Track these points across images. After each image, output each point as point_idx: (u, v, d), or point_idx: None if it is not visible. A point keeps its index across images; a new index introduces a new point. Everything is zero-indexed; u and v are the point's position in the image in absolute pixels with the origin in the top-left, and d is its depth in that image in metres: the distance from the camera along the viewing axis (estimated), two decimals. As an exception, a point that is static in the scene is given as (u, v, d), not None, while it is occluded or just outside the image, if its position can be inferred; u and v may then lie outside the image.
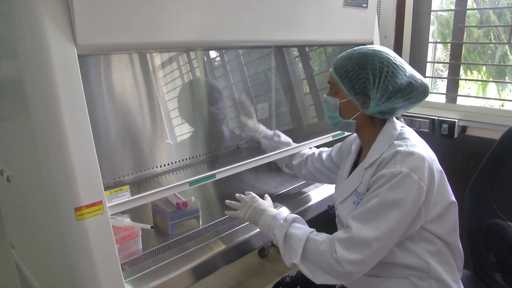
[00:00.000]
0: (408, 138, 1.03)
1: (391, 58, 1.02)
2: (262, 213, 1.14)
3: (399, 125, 1.09)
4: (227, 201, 1.25)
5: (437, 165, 1.03)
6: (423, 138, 1.08)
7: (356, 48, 1.07)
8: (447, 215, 1.04)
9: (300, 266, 1.03)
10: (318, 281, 1.01)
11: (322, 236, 1.03)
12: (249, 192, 1.25)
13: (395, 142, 1.02)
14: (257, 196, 1.22)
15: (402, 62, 1.03)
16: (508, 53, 2.06)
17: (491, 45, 2.09)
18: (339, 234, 1.00)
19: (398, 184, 0.94)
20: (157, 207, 1.30)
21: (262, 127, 1.40)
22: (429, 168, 0.98)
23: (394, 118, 1.10)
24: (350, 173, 1.17)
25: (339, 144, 1.38)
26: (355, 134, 1.28)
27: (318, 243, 1.01)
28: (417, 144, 1.01)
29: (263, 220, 1.12)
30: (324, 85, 1.64)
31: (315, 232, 1.06)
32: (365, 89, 1.01)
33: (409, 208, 0.95)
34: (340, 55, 1.08)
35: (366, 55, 1.02)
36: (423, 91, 1.03)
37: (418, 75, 1.04)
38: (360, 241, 0.95)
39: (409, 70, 1.03)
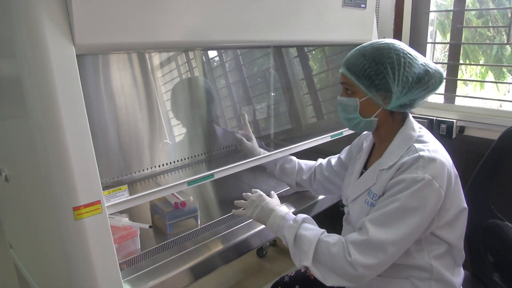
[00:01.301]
0: (428, 142, 1.01)
1: (404, 48, 1.00)
2: (270, 212, 1.11)
3: (417, 126, 1.06)
4: (236, 201, 1.23)
5: (454, 170, 1.01)
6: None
7: (365, 44, 1.04)
8: (457, 221, 1.03)
9: (312, 269, 1.00)
10: (328, 283, 0.99)
11: (334, 237, 1.01)
12: (255, 190, 1.22)
13: (416, 145, 0.99)
14: (264, 195, 1.19)
15: (413, 51, 1.02)
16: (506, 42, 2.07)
17: (488, 33, 2.09)
18: (354, 236, 0.98)
19: (419, 191, 0.92)
20: (156, 206, 1.30)
21: (262, 151, 1.35)
22: (448, 175, 0.97)
23: (412, 118, 1.07)
24: (361, 171, 1.15)
25: (348, 146, 1.35)
26: (366, 132, 1.24)
27: (330, 245, 0.99)
28: (438, 149, 0.99)
29: (272, 220, 1.10)
30: (322, 84, 1.64)
31: (326, 233, 1.04)
32: (386, 84, 0.99)
33: (427, 215, 0.94)
34: (350, 54, 1.04)
35: (380, 49, 1.00)
36: (439, 77, 1.01)
37: (431, 63, 1.03)
38: (376, 245, 0.94)
39: (422, 58, 1.02)
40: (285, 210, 1.13)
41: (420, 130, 1.05)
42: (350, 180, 1.18)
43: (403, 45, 1.02)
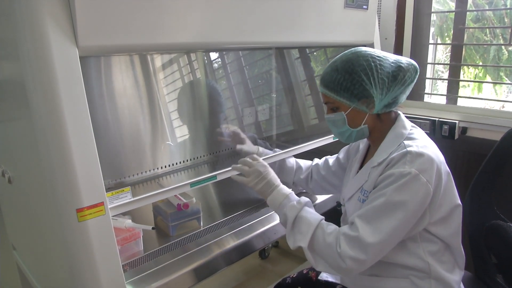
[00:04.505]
0: (418, 139, 1.02)
1: (371, 52, 1.03)
2: (274, 188, 1.13)
3: (409, 124, 1.08)
4: (234, 165, 1.21)
5: (445, 167, 1.02)
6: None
7: (335, 58, 1.07)
8: (451, 217, 1.04)
9: (305, 251, 1.04)
10: (319, 268, 1.03)
11: (331, 227, 1.04)
12: (256, 157, 1.21)
13: (405, 142, 1.01)
14: (268, 166, 1.19)
15: (381, 52, 1.05)
16: (502, 47, 2.08)
17: (486, 38, 2.10)
18: (346, 229, 1.00)
19: (406, 185, 0.94)
20: (158, 208, 1.31)
21: (261, 149, 1.37)
22: (438, 170, 0.97)
23: (403, 116, 1.10)
24: (357, 171, 1.16)
25: (346, 146, 1.37)
26: None
27: (326, 234, 1.01)
28: (427, 145, 1.00)
29: (274, 196, 1.12)
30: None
31: (325, 221, 1.07)
32: (364, 90, 1.01)
33: (414, 210, 0.95)
34: (324, 72, 1.07)
35: (350, 60, 1.02)
36: (414, 69, 1.04)
37: (402, 58, 1.05)
38: (364, 241, 0.96)
39: (391, 56, 1.05)
40: (289, 189, 1.14)
41: (412, 128, 1.07)
42: (347, 180, 1.21)
43: (370, 50, 1.05)
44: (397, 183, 0.95)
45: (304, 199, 1.11)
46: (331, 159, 1.40)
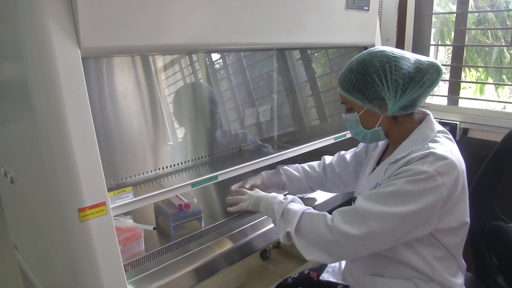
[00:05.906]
0: (444, 144, 0.99)
1: (388, 53, 1.00)
2: (264, 196, 1.20)
3: (437, 127, 1.05)
4: (228, 198, 1.30)
5: (464, 179, 1.00)
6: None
7: (353, 58, 1.06)
8: (460, 231, 1.03)
9: (293, 238, 1.05)
10: (308, 257, 1.02)
11: (317, 211, 1.07)
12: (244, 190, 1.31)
13: (430, 144, 0.98)
14: (259, 190, 1.28)
15: (402, 52, 1.01)
16: (505, 50, 2.08)
17: (488, 41, 2.10)
18: (343, 207, 1.02)
19: (419, 181, 0.91)
20: (160, 208, 1.31)
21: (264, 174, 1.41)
22: (457, 177, 0.95)
23: (433, 118, 1.07)
24: (374, 167, 1.16)
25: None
26: None
27: (312, 215, 1.05)
28: (453, 151, 0.97)
29: (265, 201, 1.17)
30: (325, 87, 1.65)
31: (312, 209, 1.09)
32: (376, 92, 0.99)
33: (420, 207, 0.91)
34: (341, 72, 1.07)
35: (364, 60, 1.01)
36: (435, 70, 1.00)
37: (424, 58, 1.01)
38: (359, 213, 0.96)
39: (413, 56, 1.01)
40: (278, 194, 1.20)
41: (440, 134, 1.03)
42: (363, 177, 1.20)
43: (388, 50, 1.02)
44: (411, 177, 0.92)
45: (291, 196, 1.15)
46: (347, 154, 1.38)
